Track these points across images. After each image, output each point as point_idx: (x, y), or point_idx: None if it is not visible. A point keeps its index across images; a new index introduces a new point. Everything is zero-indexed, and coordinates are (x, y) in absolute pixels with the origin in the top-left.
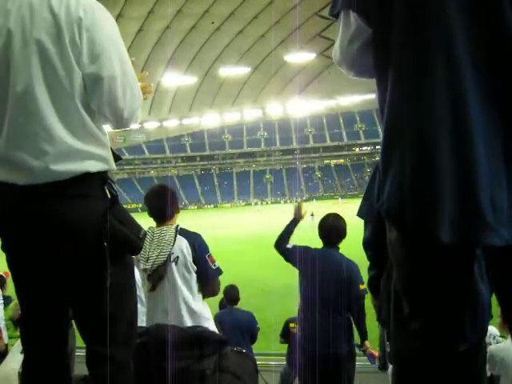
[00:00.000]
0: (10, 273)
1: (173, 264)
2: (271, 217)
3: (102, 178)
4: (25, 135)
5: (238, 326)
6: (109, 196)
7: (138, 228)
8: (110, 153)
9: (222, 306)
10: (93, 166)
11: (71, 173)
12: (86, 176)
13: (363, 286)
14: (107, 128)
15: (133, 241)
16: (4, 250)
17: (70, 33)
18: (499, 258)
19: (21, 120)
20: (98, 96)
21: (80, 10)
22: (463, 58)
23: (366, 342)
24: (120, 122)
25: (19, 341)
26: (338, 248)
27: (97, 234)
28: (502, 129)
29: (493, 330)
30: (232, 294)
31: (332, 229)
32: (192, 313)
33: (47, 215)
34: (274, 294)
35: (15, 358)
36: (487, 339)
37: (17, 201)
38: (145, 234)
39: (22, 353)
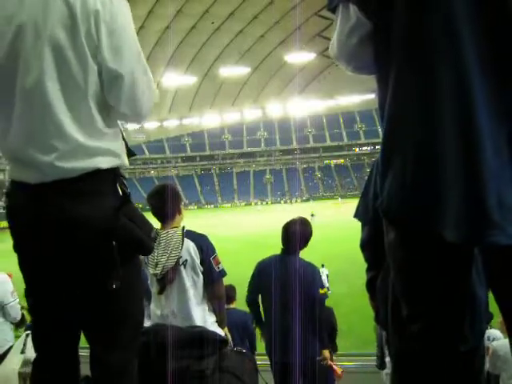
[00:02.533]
0: (14, 273)
1: (181, 267)
2: (271, 217)
3: (113, 174)
4: (34, 131)
5: (234, 326)
6: (121, 193)
7: (150, 227)
8: (123, 147)
9: None
10: (104, 163)
11: (82, 169)
12: (98, 173)
13: (323, 291)
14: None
15: (145, 241)
16: (16, 250)
17: (86, 25)
18: (501, 256)
19: (30, 115)
20: (118, 92)
21: (97, 2)
22: (470, 56)
23: (325, 352)
24: (138, 116)
25: (19, 341)
26: (298, 253)
27: (108, 233)
28: (507, 123)
29: (492, 332)
30: (228, 294)
31: (293, 235)
32: (200, 315)
33: (58, 214)
34: None
35: (15, 358)
36: (486, 341)
37: (29, 200)
38: (156, 234)
39: (22, 353)
